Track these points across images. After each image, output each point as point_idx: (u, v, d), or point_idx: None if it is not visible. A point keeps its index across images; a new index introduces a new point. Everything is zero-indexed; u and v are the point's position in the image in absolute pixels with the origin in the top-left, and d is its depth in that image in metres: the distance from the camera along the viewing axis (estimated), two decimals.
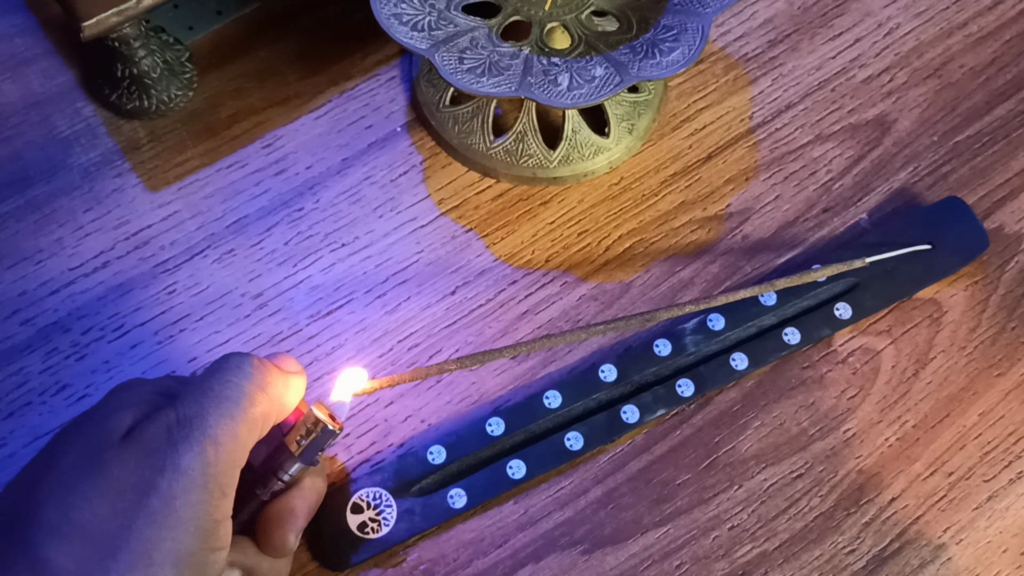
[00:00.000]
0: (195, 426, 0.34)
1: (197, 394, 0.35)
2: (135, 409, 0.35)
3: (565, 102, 0.43)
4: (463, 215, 0.49)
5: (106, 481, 0.32)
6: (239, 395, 0.35)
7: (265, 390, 0.36)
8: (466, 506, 0.42)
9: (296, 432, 0.37)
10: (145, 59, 0.49)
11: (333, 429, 0.37)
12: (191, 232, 0.49)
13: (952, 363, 0.46)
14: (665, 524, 0.43)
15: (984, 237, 0.47)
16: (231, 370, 0.36)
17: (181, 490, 0.33)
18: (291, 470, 0.38)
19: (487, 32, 0.46)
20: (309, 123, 0.51)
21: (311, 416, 0.37)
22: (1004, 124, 0.51)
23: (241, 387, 0.35)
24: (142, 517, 0.32)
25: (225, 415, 0.34)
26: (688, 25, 0.44)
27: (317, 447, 0.37)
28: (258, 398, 0.36)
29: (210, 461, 0.33)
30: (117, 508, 0.32)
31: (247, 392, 0.35)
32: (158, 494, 0.32)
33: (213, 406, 0.34)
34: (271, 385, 0.36)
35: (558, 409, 0.44)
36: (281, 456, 0.37)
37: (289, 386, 0.38)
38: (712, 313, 0.46)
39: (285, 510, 0.38)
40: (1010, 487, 0.43)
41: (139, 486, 0.32)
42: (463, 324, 0.47)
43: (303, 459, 0.37)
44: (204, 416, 0.34)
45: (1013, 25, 0.54)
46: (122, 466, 0.33)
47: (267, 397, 0.36)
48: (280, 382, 0.37)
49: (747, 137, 0.51)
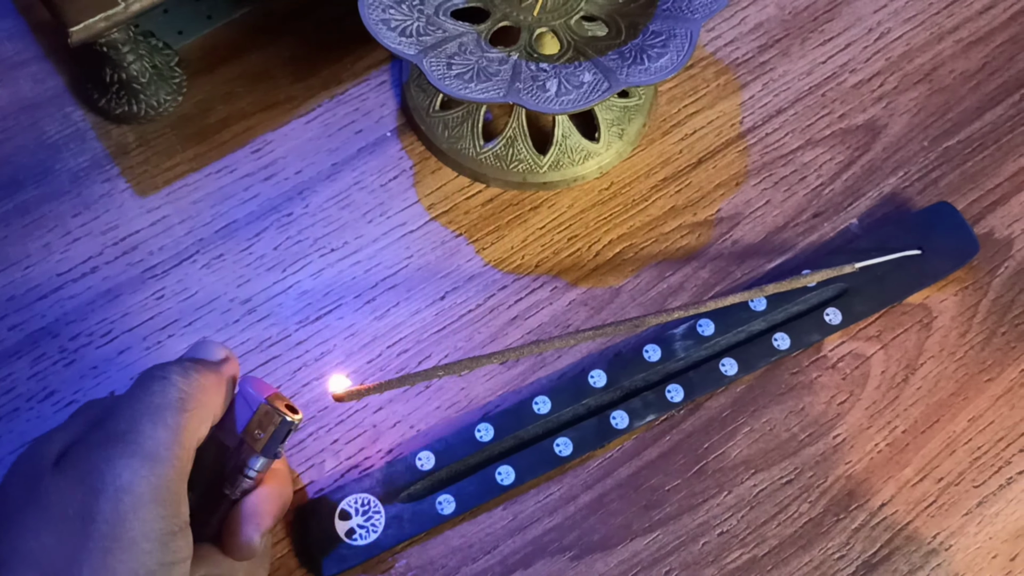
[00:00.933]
0: (130, 440, 0.32)
1: (126, 408, 0.34)
2: (64, 433, 0.34)
3: (553, 108, 0.43)
4: (453, 220, 0.49)
5: (46, 510, 0.31)
6: (170, 400, 0.34)
7: (196, 389, 0.35)
8: (455, 512, 0.42)
9: (252, 426, 0.37)
10: (134, 64, 0.49)
11: (291, 420, 0.37)
12: (180, 237, 0.48)
13: (942, 368, 0.46)
14: (655, 530, 0.43)
15: (974, 242, 0.47)
16: (156, 378, 0.35)
17: (128, 509, 0.31)
18: (256, 465, 0.37)
19: (476, 37, 0.46)
20: (299, 128, 0.51)
21: (263, 408, 0.37)
22: (994, 129, 0.51)
23: (170, 392, 0.34)
24: (92, 543, 0.31)
25: (159, 423, 0.33)
26: (677, 31, 0.44)
27: (277, 439, 0.37)
28: (191, 399, 0.34)
29: (153, 473, 0.32)
30: (63, 536, 0.31)
31: (178, 396, 0.34)
32: (103, 517, 0.31)
33: (146, 417, 0.33)
34: (201, 382, 0.35)
35: (547, 415, 0.44)
36: (243, 452, 0.37)
37: (221, 377, 0.36)
38: (702, 318, 0.46)
39: (249, 510, 0.37)
40: (1000, 493, 0.43)
41: (81, 511, 0.31)
42: (452, 329, 0.47)
43: (265, 453, 0.37)
44: (138, 428, 0.33)
45: (1003, 30, 0.54)
46: (58, 492, 0.32)
47: (200, 395, 0.35)
48: (210, 376, 0.36)
49: (737, 142, 0.51)
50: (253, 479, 0.37)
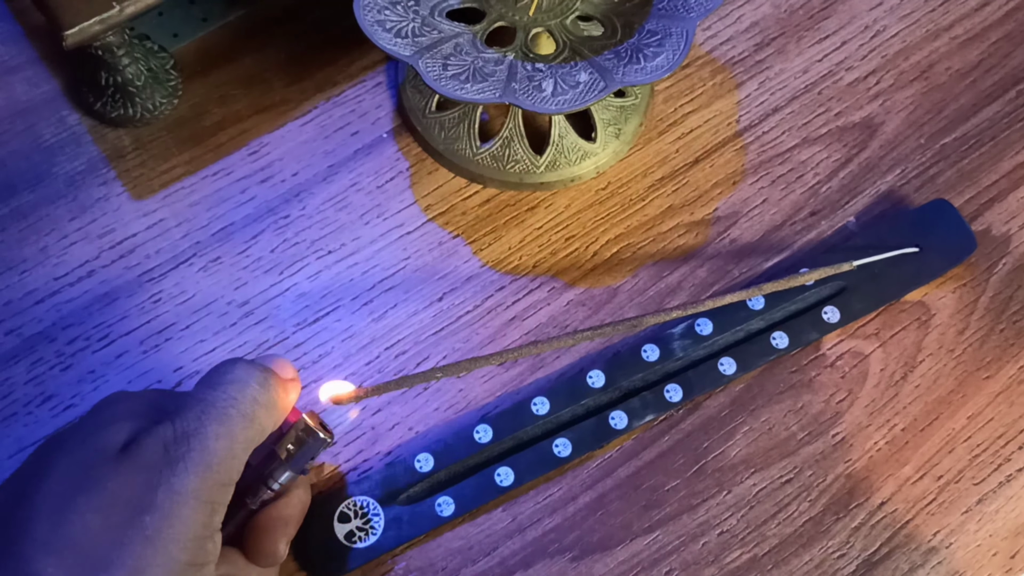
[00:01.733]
0: (194, 444, 0.33)
1: (198, 409, 0.34)
2: (131, 423, 0.34)
3: (550, 108, 0.42)
4: (450, 221, 0.49)
5: (101, 496, 0.32)
6: (241, 412, 0.35)
7: (267, 405, 0.35)
8: (454, 514, 0.42)
9: (287, 440, 0.37)
10: (129, 67, 0.48)
11: (324, 438, 0.37)
12: (177, 240, 0.48)
13: (941, 366, 0.46)
14: (654, 530, 0.43)
15: (971, 239, 0.47)
16: (235, 384, 0.35)
17: (176, 507, 0.32)
18: (281, 478, 0.37)
19: (471, 38, 0.46)
20: (295, 130, 0.51)
21: (302, 424, 0.37)
22: (991, 126, 0.51)
23: (243, 403, 0.35)
24: (135, 533, 0.32)
25: (224, 433, 0.34)
26: (672, 30, 0.44)
27: (307, 456, 0.37)
28: (259, 414, 0.35)
29: (206, 479, 0.33)
30: (111, 523, 0.32)
31: (250, 409, 0.35)
32: (153, 511, 0.32)
33: (214, 423, 0.34)
34: (272, 399, 0.36)
35: (546, 416, 0.44)
36: (271, 464, 0.37)
37: (288, 397, 0.37)
38: (700, 318, 0.46)
39: (276, 519, 0.37)
40: (999, 490, 0.43)
41: (134, 502, 0.32)
42: (450, 331, 0.46)
43: (293, 467, 0.37)
44: (204, 433, 0.34)
45: (999, 27, 0.54)
46: (118, 481, 0.32)
47: (268, 412, 0.36)
48: (281, 395, 0.36)
49: (734, 141, 0.51)
50: (275, 492, 0.37)
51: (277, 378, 0.37)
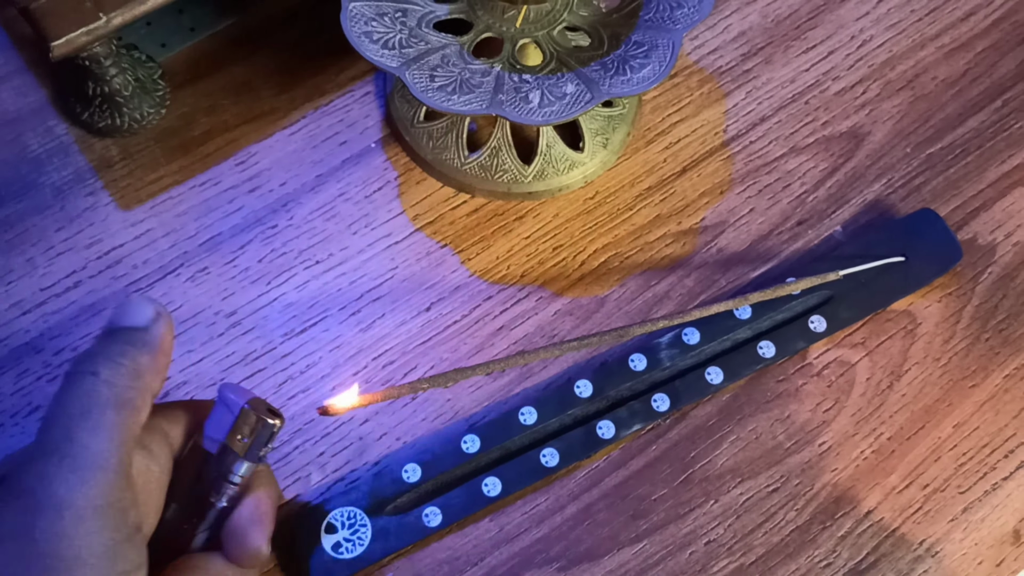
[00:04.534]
0: (64, 452, 0.31)
1: (58, 415, 0.32)
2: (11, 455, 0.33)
3: (536, 119, 0.43)
4: (438, 231, 0.49)
5: None
6: (102, 399, 0.32)
7: (128, 378, 0.32)
8: (441, 524, 0.42)
9: (236, 432, 0.36)
10: (117, 77, 0.48)
11: (273, 423, 0.36)
12: (164, 250, 0.48)
13: (927, 375, 0.46)
14: (641, 540, 0.43)
15: (957, 249, 0.47)
16: (83, 376, 0.32)
17: (68, 525, 0.30)
18: (240, 471, 0.37)
19: (459, 49, 0.46)
20: (283, 139, 0.51)
21: (247, 413, 0.36)
22: (977, 135, 0.51)
23: (100, 391, 0.32)
24: (34, 564, 0.30)
25: (93, 429, 0.31)
26: (659, 41, 0.44)
27: (260, 443, 0.36)
28: (125, 392, 0.32)
29: (93, 484, 0.31)
30: (5, 560, 0.30)
31: (110, 393, 0.32)
32: (43, 536, 0.30)
33: (78, 423, 0.31)
34: (132, 368, 0.33)
35: (533, 425, 0.44)
36: (227, 458, 0.37)
37: (154, 348, 0.34)
38: (687, 327, 0.46)
39: (250, 516, 0.36)
40: (985, 499, 0.43)
41: (21, 532, 0.30)
42: (438, 340, 0.46)
43: (249, 458, 0.36)
44: (71, 437, 0.31)
45: (985, 37, 0.54)
46: None
47: (134, 384, 0.33)
48: (142, 356, 0.33)
49: (721, 150, 0.51)
50: (238, 484, 0.37)
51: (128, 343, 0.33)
